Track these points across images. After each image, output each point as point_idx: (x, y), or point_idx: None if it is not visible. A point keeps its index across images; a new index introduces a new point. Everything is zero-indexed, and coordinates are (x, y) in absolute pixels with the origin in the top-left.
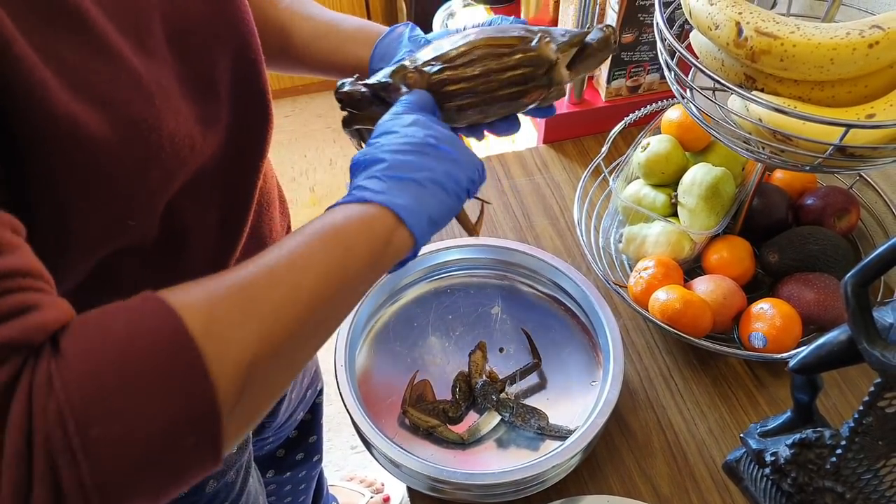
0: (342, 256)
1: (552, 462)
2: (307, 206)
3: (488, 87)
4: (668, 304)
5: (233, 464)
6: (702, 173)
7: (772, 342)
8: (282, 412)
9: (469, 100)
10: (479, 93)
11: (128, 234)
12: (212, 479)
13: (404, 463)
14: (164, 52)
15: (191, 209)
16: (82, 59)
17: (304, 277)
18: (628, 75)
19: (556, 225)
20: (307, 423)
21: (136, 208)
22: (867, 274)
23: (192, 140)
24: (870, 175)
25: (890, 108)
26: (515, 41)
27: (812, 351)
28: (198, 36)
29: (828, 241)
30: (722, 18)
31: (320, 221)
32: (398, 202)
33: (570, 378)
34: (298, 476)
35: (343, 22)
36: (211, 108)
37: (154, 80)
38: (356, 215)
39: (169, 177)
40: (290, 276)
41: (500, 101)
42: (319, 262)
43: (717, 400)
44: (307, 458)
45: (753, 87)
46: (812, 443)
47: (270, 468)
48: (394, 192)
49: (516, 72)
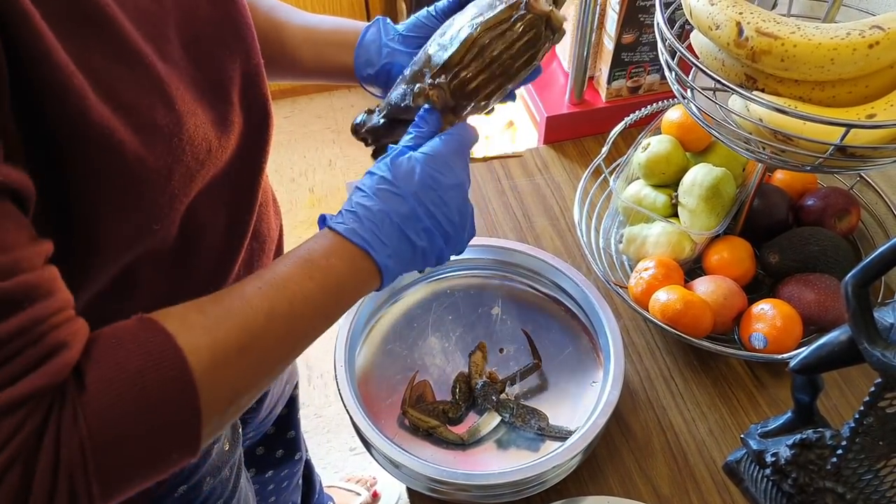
0: (335, 300)
1: (552, 463)
2: (306, 207)
3: (505, 67)
4: (668, 305)
5: (227, 461)
6: (702, 174)
7: (772, 343)
8: (264, 408)
9: (492, 86)
10: (499, 75)
11: (150, 239)
12: (208, 477)
13: (404, 463)
14: (180, 57)
15: (204, 212)
16: (109, 65)
17: (300, 315)
18: (629, 76)
19: (556, 225)
20: (284, 418)
21: (159, 213)
22: (868, 274)
23: (209, 143)
24: (870, 176)
25: (890, 108)
26: (507, 12)
27: (812, 351)
28: (208, 41)
29: (828, 242)
30: (723, 18)
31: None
32: (390, 267)
33: (570, 379)
34: (280, 475)
35: (319, 25)
36: (224, 113)
37: (174, 84)
38: (347, 258)
39: (189, 180)
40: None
41: (519, 70)
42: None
43: (718, 400)
44: (288, 456)
45: (754, 87)
46: (813, 443)
47: (251, 467)
48: (393, 255)
49: (523, 40)
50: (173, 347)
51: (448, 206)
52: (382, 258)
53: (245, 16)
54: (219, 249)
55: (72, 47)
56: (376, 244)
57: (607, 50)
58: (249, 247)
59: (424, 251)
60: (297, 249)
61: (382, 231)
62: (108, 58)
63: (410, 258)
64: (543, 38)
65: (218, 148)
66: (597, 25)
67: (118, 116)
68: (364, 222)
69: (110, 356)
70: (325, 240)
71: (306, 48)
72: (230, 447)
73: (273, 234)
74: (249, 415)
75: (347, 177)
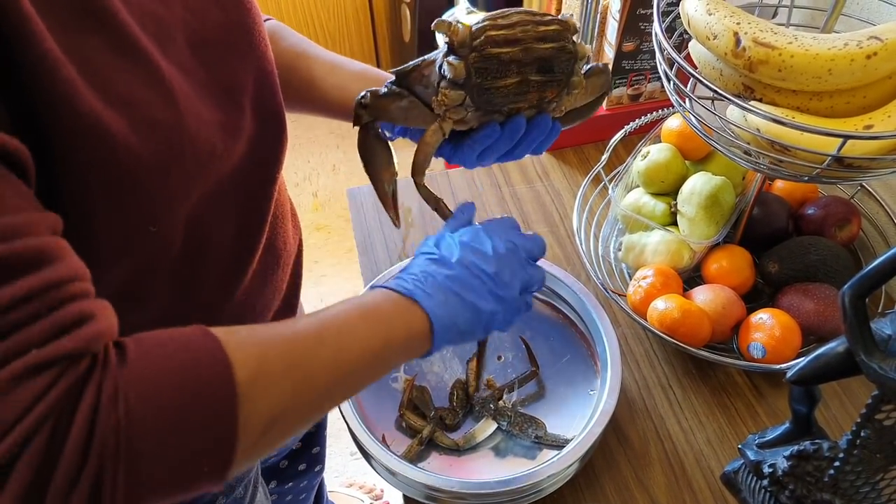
0: (384, 339)
1: (549, 471)
2: (310, 212)
3: (526, 35)
4: (666, 314)
5: (241, 479)
6: (701, 182)
7: (771, 352)
8: None
9: (509, 49)
10: (519, 41)
11: (150, 243)
12: (221, 496)
13: (400, 471)
14: (186, 58)
15: (211, 220)
16: (106, 59)
17: (348, 347)
18: (629, 84)
19: (555, 232)
20: (311, 435)
21: (157, 213)
22: (865, 285)
23: (213, 146)
24: (871, 185)
25: (888, 118)
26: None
27: (810, 362)
28: (218, 45)
29: (828, 252)
30: (720, 28)
31: (361, 300)
32: (440, 315)
33: (567, 387)
34: (300, 486)
35: (347, 65)
36: (232, 117)
37: (176, 82)
38: (394, 302)
39: (189, 181)
40: (336, 342)
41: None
42: (363, 337)
43: (716, 410)
44: (309, 469)
45: (752, 97)
46: (810, 455)
47: (273, 479)
48: (441, 305)
49: (550, 27)
50: (220, 351)
51: (494, 267)
52: (429, 305)
53: (258, 24)
54: (227, 260)
55: (64, 38)
56: (420, 294)
57: (608, 58)
58: (262, 260)
59: (475, 307)
60: (351, 299)
61: (427, 285)
62: (106, 51)
63: (461, 310)
64: (564, 62)
65: (223, 151)
66: (597, 33)
67: (113, 109)
68: (408, 279)
69: (154, 348)
70: (370, 294)
71: (333, 82)
72: None
73: (290, 248)
74: None
75: (351, 182)
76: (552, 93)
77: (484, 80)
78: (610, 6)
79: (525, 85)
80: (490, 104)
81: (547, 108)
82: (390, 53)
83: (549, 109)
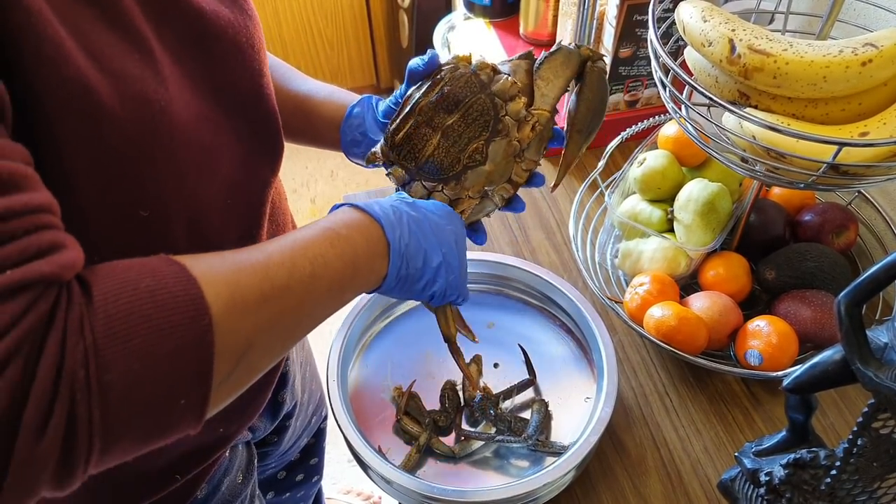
0: (352, 268)
1: (545, 479)
2: (308, 218)
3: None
4: (662, 321)
5: (238, 494)
6: (698, 189)
7: (768, 360)
8: (286, 440)
9: (413, 120)
10: (418, 112)
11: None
12: None
13: (396, 480)
14: (181, 47)
15: (213, 222)
16: (98, 29)
17: (320, 276)
18: (626, 90)
19: (552, 239)
20: (310, 447)
21: (143, 196)
22: (861, 293)
23: (200, 137)
24: (869, 192)
25: (883, 126)
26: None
27: (806, 370)
28: (221, 42)
29: (825, 259)
30: (715, 35)
31: (333, 226)
32: (397, 249)
33: (564, 394)
34: (297, 496)
35: (314, 95)
36: (222, 113)
37: (168, 68)
38: (365, 232)
39: (175, 168)
40: (307, 283)
41: (433, 103)
42: (334, 267)
43: (713, 418)
44: (307, 479)
45: (747, 103)
46: (807, 463)
47: (270, 490)
48: (400, 238)
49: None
50: (186, 275)
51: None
52: (394, 238)
53: (257, 28)
54: None
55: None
56: (388, 223)
57: None
58: None
59: (426, 256)
60: (318, 220)
61: (396, 216)
62: (98, 22)
63: (415, 252)
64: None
65: (212, 145)
66: (594, 39)
67: (102, 77)
68: (382, 206)
69: (118, 274)
70: (344, 213)
71: (298, 118)
72: (243, 479)
73: None
74: (271, 446)
75: (349, 188)
76: (486, 136)
77: (417, 159)
78: (606, 12)
79: (452, 133)
80: (439, 171)
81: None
82: (388, 60)
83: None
